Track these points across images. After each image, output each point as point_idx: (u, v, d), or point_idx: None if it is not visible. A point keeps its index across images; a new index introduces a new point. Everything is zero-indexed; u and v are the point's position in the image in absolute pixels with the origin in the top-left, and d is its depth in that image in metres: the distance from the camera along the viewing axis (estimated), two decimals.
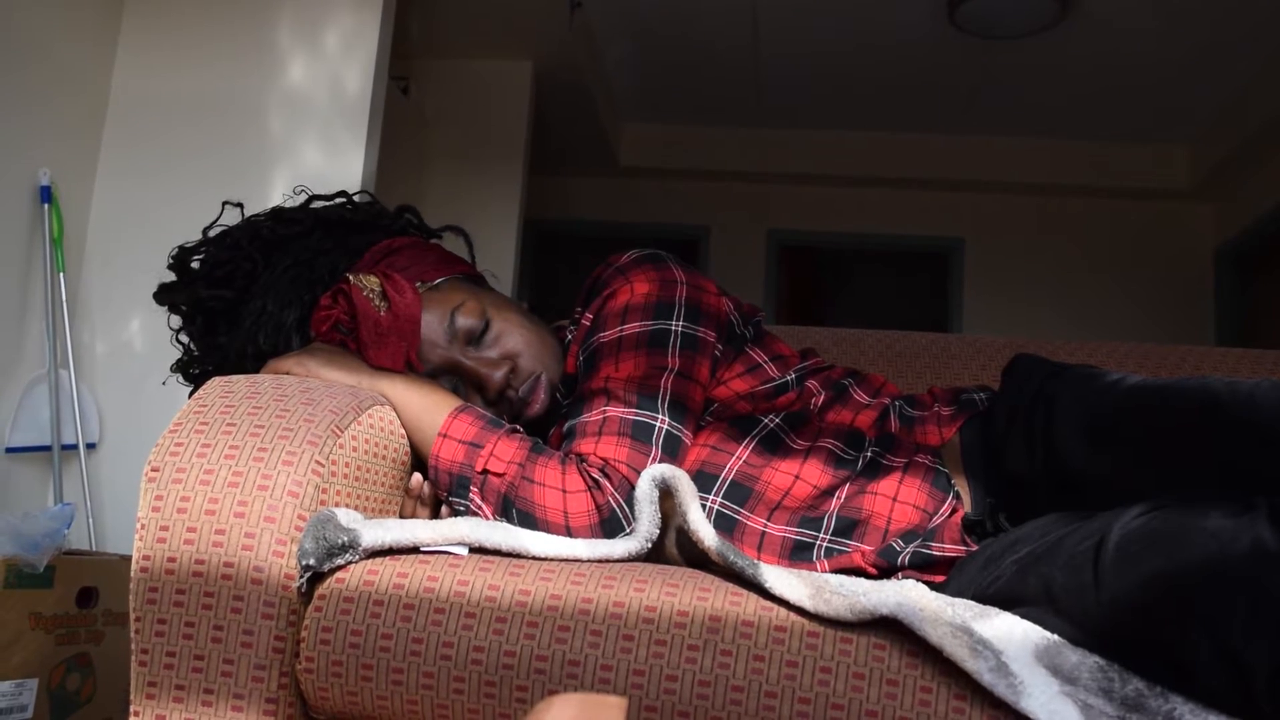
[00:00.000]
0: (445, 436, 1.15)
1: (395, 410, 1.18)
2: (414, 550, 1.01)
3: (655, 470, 1.06)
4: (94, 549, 2.78)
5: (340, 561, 0.97)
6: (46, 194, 2.87)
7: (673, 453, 1.15)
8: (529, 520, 1.09)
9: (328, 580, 0.97)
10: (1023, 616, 0.89)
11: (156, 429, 1.35)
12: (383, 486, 1.14)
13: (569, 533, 1.07)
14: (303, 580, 0.97)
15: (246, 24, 3.20)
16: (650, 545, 1.05)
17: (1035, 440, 1.11)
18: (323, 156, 3.13)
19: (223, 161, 3.12)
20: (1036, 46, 4.86)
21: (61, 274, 2.89)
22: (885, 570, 1.11)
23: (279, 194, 3.10)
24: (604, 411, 1.15)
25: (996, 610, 0.91)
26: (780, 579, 0.91)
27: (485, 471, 1.12)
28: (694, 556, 1.06)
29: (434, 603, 0.93)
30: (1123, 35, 4.74)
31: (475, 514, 1.12)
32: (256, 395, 1.07)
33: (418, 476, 1.19)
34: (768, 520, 1.15)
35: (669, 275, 1.25)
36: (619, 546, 1.04)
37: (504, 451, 1.12)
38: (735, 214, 6.27)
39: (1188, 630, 0.76)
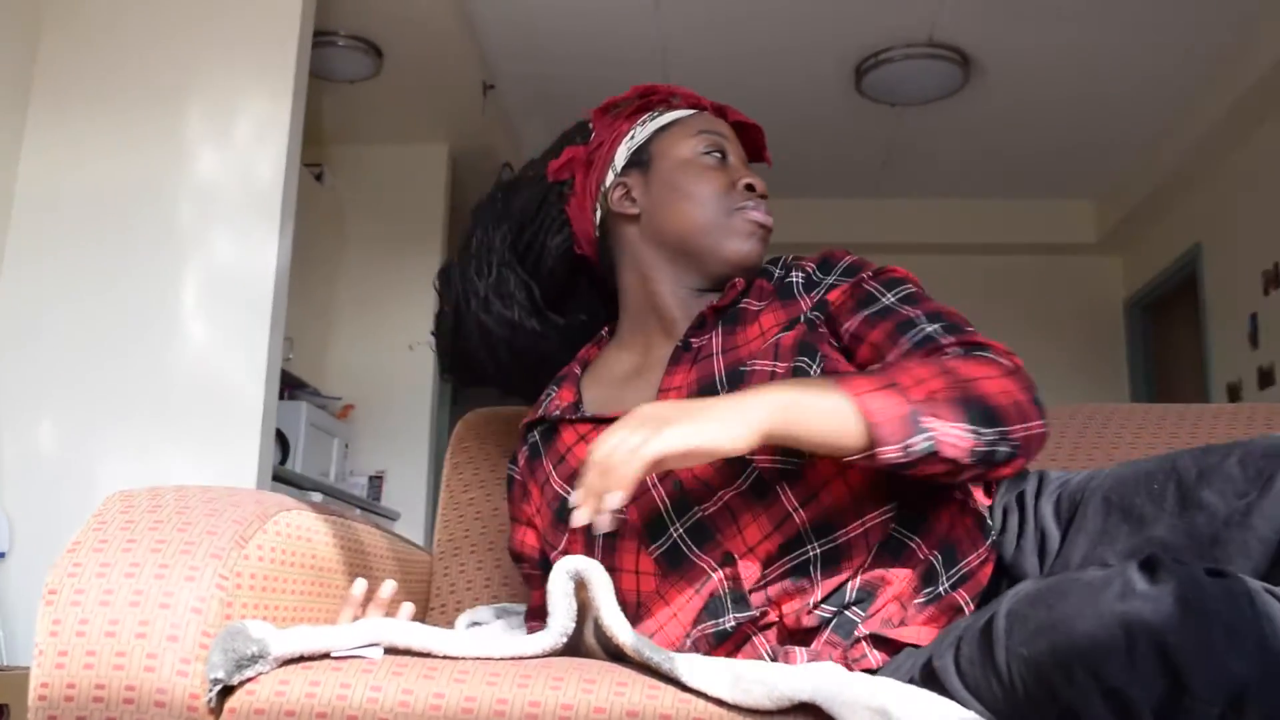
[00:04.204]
0: (860, 397, 1.02)
1: (794, 419, 1.02)
2: (326, 656, 0.98)
3: (568, 563, 1.05)
4: (4, 664, 2.68)
5: (250, 673, 0.95)
6: None
7: None
8: (989, 413, 1.04)
9: (237, 693, 0.95)
10: (949, 696, 0.90)
11: (69, 536, 1.31)
12: (294, 594, 1.11)
13: (1020, 409, 1.07)
14: (212, 695, 0.94)
15: (155, 115, 3.18)
16: (566, 639, 1.04)
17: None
18: (234, 247, 3.10)
19: (132, 255, 3.08)
20: (943, 111, 5.01)
21: None
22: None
23: (190, 286, 3.06)
24: (942, 316, 1.20)
25: (919, 690, 0.91)
26: (697, 671, 0.90)
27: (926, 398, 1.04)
28: (612, 648, 1.05)
29: (347, 711, 0.91)
30: (1025, 99, 4.90)
31: (939, 443, 1.02)
32: (158, 509, 1.05)
33: (360, 582, 1.15)
34: None
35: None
36: (532, 644, 1.03)
37: (913, 375, 1.06)
38: None
39: (1073, 676, 0.77)
